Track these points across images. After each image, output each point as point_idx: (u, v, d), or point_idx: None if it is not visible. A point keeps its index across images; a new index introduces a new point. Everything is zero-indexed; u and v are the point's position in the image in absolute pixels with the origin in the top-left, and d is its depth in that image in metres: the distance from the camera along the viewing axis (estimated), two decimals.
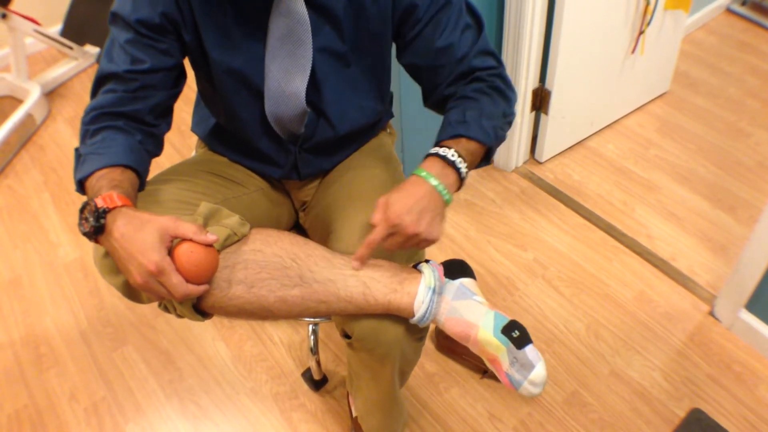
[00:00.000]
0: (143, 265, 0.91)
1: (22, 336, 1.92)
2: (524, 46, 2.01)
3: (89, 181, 1.02)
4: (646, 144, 2.49)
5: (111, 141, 1.06)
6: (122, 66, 1.07)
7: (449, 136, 1.09)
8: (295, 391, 1.75)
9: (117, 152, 1.05)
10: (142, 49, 1.07)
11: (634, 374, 1.75)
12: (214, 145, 1.35)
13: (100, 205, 0.95)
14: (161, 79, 1.10)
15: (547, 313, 1.90)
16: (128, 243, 0.93)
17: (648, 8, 2.22)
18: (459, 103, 1.14)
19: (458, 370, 1.77)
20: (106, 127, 1.07)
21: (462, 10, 1.15)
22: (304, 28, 1.08)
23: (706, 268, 2.02)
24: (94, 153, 1.04)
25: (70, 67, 2.99)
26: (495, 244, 2.12)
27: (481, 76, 1.16)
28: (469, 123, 1.10)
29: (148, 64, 1.07)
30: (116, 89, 1.08)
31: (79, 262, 2.13)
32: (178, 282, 0.94)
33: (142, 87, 1.09)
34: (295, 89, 1.13)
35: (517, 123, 2.24)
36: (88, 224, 0.95)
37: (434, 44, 1.14)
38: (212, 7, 1.06)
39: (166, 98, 1.14)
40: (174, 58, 1.11)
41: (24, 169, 2.53)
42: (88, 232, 0.96)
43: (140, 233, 0.93)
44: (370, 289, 1.04)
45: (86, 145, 1.06)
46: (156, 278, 0.93)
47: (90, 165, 1.03)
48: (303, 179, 1.33)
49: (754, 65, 2.92)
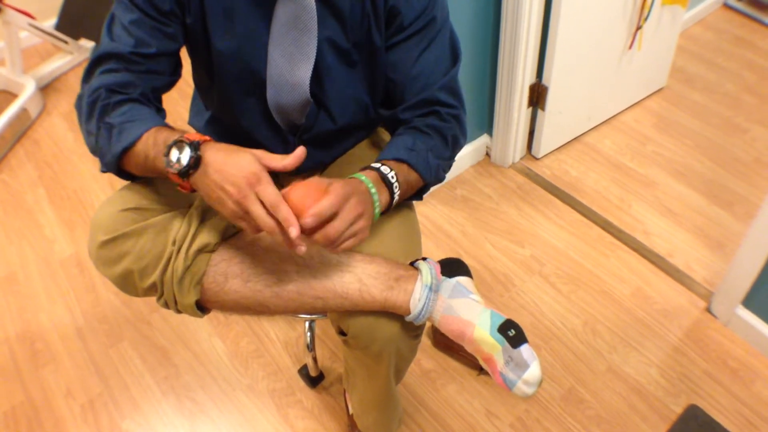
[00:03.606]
0: (239, 178, 0.90)
1: (17, 332, 1.91)
2: (521, 41, 2.01)
3: (140, 144, 0.99)
4: (643, 140, 2.49)
5: (140, 110, 1.04)
6: (127, 47, 1.04)
7: (393, 157, 1.08)
8: (291, 387, 1.75)
9: (154, 117, 1.04)
10: (148, 32, 1.05)
11: (630, 371, 1.75)
12: (211, 137, 1.34)
13: (193, 139, 0.94)
14: (164, 64, 1.09)
15: (544, 310, 1.90)
16: (224, 165, 0.92)
17: (645, 3, 2.22)
18: (412, 132, 1.14)
19: (455, 366, 1.77)
20: (127, 99, 1.05)
21: (446, 36, 1.14)
22: (310, 16, 1.06)
23: (703, 264, 2.02)
24: (131, 120, 1.01)
25: (65, 62, 2.97)
26: (492, 240, 2.12)
27: (441, 112, 1.16)
28: (417, 153, 1.10)
29: (154, 48, 1.06)
30: (118, 68, 1.05)
31: (74, 258, 2.12)
32: (272, 191, 0.91)
33: (146, 71, 1.07)
34: (299, 78, 1.12)
35: (514, 119, 2.23)
36: (186, 158, 0.93)
37: (410, 58, 1.13)
38: None
39: (165, 84, 1.12)
40: (178, 43, 1.10)
41: (19, 164, 2.52)
42: (186, 166, 0.93)
43: (234, 155, 0.93)
44: (367, 285, 1.04)
45: (114, 117, 1.02)
46: (253, 188, 0.91)
47: (135, 130, 1.00)
48: (300, 172, 1.32)
49: (751, 61, 2.91)
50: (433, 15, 1.11)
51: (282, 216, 0.91)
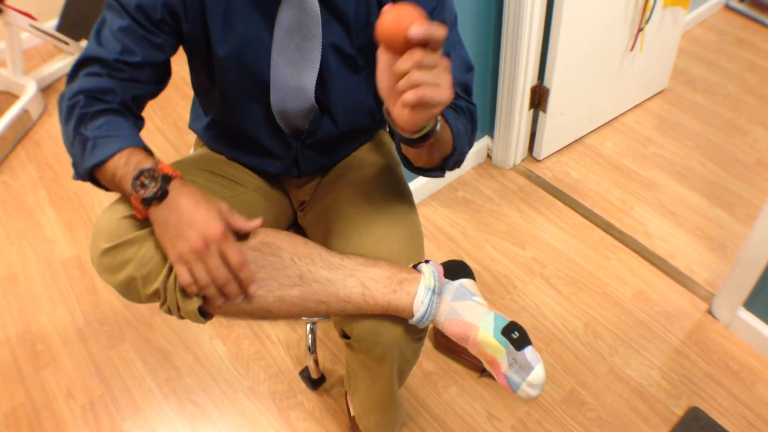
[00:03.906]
0: (208, 230, 0.93)
1: (18, 333, 1.91)
2: (523, 43, 2.01)
3: (112, 163, 0.99)
4: (645, 141, 2.49)
5: (117, 124, 1.04)
6: (112, 54, 1.04)
7: None
8: (292, 389, 1.74)
9: (130, 134, 1.04)
10: (135, 40, 1.04)
11: (632, 373, 1.75)
12: (212, 142, 1.33)
13: (166, 172, 0.96)
14: (149, 74, 1.08)
15: (546, 312, 1.90)
16: (193, 210, 0.94)
17: (647, 5, 2.22)
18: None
19: (456, 368, 1.77)
20: (105, 110, 1.04)
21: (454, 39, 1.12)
22: (314, 22, 1.06)
23: (705, 266, 2.02)
24: (107, 136, 1.01)
25: (66, 63, 2.97)
26: (493, 242, 2.12)
27: (459, 103, 1.14)
28: (454, 114, 1.08)
29: (139, 57, 1.05)
30: (101, 73, 1.05)
31: (75, 259, 2.12)
32: (238, 252, 0.95)
33: (129, 79, 1.06)
34: (304, 84, 1.12)
35: (516, 121, 2.23)
36: (154, 188, 0.94)
37: None
38: None
39: (147, 93, 1.12)
40: (165, 53, 1.09)
41: (20, 165, 2.52)
42: (152, 196, 0.95)
43: (204, 204, 0.95)
44: (369, 289, 1.04)
45: (90, 129, 1.02)
46: (219, 244, 0.94)
47: (107, 148, 1.00)
48: (302, 176, 1.32)
49: (753, 62, 2.91)
50: (442, 19, 1.09)
51: (244, 276, 0.97)
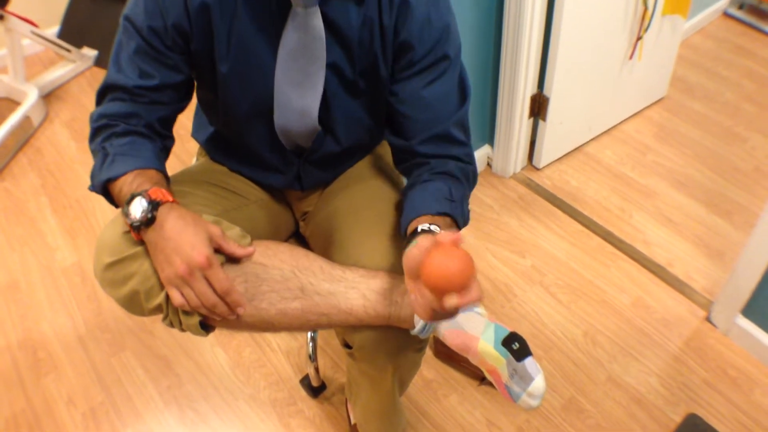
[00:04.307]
0: (192, 257, 0.94)
1: (19, 340, 1.91)
2: (523, 52, 2.02)
3: (121, 180, 1.03)
4: (644, 149, 2.50)
5: (141, 145, 1.08)
6: (131, 80, 1.07)
7: (437, 212, 1.06)
8: (293, 397, 1.75)
9: (149, 156, 1.07)
10: (150, 63, 1.06)
11: (631, 380, 1.76)
12: (214, 153, 1.34)
13: (154, 197, 0.97)
14: (170, 95, 1.11)
15: (545, 320, 1.91)
16: (178, 235, 0.96)
17: (646, 14, 2.23)
18: (443, 177, 1.12)
19: (456, 377, 1.78)
20: (132, 132, 1.09)
21: (456, 71, 1.13)
22: (319, 45, 1.06)
23: (703, 273, 2.03)
24: (125, 154, 1.05)
25: (67, 70, 2.98)
26: (493, 250, 2.12)
27: (459, 155, 1.15)
28: (455, 204, 1.09)
29: (156, 79, 1.07)
30: (125, 98, 1.08)
31: (77, 267, 2.13)
32: (223, 277, 0.97)
33: (151, 102, 1.09)
34: (307, 106, 1.13)
35: (515, 129, 2.24)
36: (142, 213, 0.97)
37: (420, 92, 1.11)
38: (228, 15, 1.05)
39: (172, 112, 1.14)
40: (182, 73, 1.10)
41: (21, 172, 2.52)
42: (138, 221, 0.97)
43: (191, 228, 0.97)
44: (371, 301, 1.05)
45: (113, 146, 1.06)
46: (203, 271, 0.95)
47: (123, 165, 1.04)
48: (305, 190, 1.33)
49: (751, 69, 2.93)
50: (445, 52, 1.09)
51: (231, 300, 0.99)
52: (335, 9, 1.04)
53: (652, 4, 2.22)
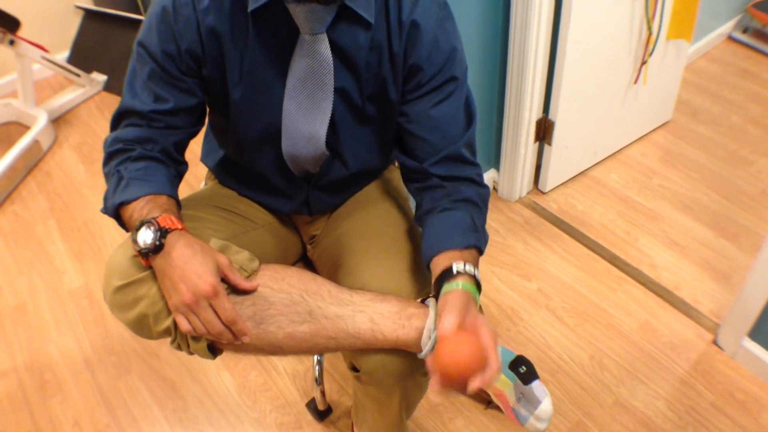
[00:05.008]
0: (198, 285, 0.95)
1: (26, 362, 1.92)
2: (528, 77, 2.03)
3: (133, 205, 1.04)
4: (649, 173, 2.50)
5: (155, 170, 1.09)
6: (146, 105, 1.08)
7: (465, 245, 1.08)
8: (299, 421, 1.75)
9: (163, 182, 1.09)
10: (164, 87, 1.08)
11: (638, 404, 1.75)
12: (223, 178, 1.36)
13: (163, 225, 0.98)
14: (184, 119, 1.12)
15: (551, 344, 1.90)
16: (185, 263, 0.96)
17: (650, 38, 2.24)
18: (464, 206, 1.14)
19: (463, 400, 1.77)
20: (148, 156, 1.10)
21: (463, 93, 1.14)
22: (326, 71, 1.07)
23: (710, 296, 2.02)
24: (140, 179, 1.07)
25: (77, 95, 3.01)
26: (499, 274, 2.12)
27: (473, 176, 1.17)
28: (480, 234, 1.10)
29: (171, 103, 1.08)
30: (140, 124, 1.10)
31: (84, 289, 2.13)
32: (229, 307, 0.98)
33: (166, 127, 1.11)
34: (315, 132, 1.13)
35: (521, 154, 2.25)
36: (148, 240, 0.98)
37: (428, 112, 1.12)
38: (240, 43, 1.06)
39: (186, 137, 1.16)
40: (196, 97, 1.11)
41: (30, 196, 2.54)
42: (146, 248, 0.98)
43: (199, 257, 0.98)
44: (378, 325, 1.05)
45: (129, 170, 1.08)
46: (209, 300, 0.96)
47: (136, 190, 1.05)
48: (313, 215, 1.34)
49: (756, 92, 2.94)
50: (452, 74, 1.11)
51: (237, 329, 1.00)
52: (343, 35, 1.05)
53: (657, 28, 2.24)
